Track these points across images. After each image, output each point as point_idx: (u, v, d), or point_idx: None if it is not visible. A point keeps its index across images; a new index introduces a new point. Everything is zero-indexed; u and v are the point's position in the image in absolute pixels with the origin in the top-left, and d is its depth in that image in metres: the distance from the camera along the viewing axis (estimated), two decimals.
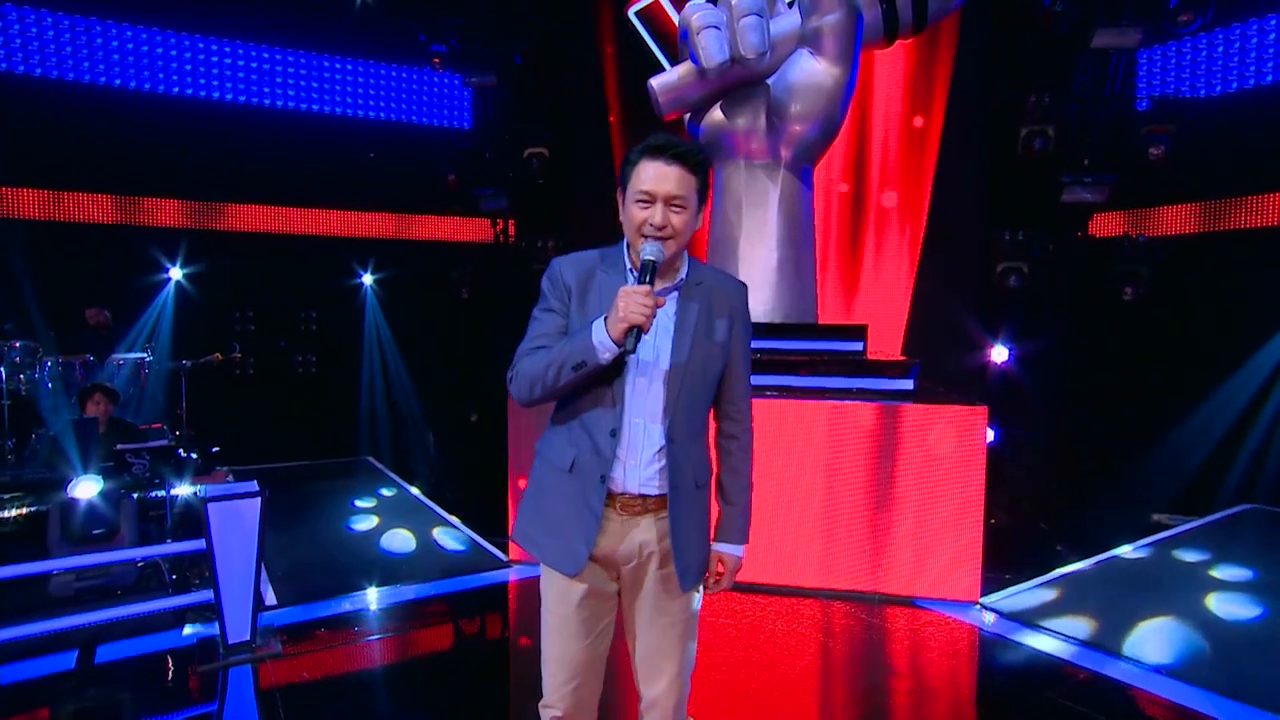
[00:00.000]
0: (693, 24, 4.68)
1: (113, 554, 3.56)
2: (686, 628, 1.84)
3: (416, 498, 6.10)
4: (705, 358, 1.75)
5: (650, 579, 1.80)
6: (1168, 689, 3.14)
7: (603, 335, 1.60)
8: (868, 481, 4.02)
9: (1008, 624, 3.75)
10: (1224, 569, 4.45)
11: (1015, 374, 6.36)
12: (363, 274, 8.39)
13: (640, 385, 1.72)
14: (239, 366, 7.81)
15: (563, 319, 1.75)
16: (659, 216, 1.65)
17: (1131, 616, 3.78)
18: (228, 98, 7.65)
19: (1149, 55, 6.75)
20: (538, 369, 1.68)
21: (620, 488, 1.74)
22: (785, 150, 4.97)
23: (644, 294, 1.56)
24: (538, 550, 1.80)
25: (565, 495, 1.76)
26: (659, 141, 1.68)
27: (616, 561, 1.78)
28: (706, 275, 1.81)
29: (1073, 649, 3.50)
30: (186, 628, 3.53)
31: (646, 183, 1.66)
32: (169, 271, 7.60)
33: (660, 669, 1.84)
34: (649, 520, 1.76)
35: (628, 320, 1.55)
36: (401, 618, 3.89)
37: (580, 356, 1.63)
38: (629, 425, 1.71)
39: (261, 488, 3.26)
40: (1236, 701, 3.03)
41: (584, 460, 1.73)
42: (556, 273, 1.77)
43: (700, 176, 1.70)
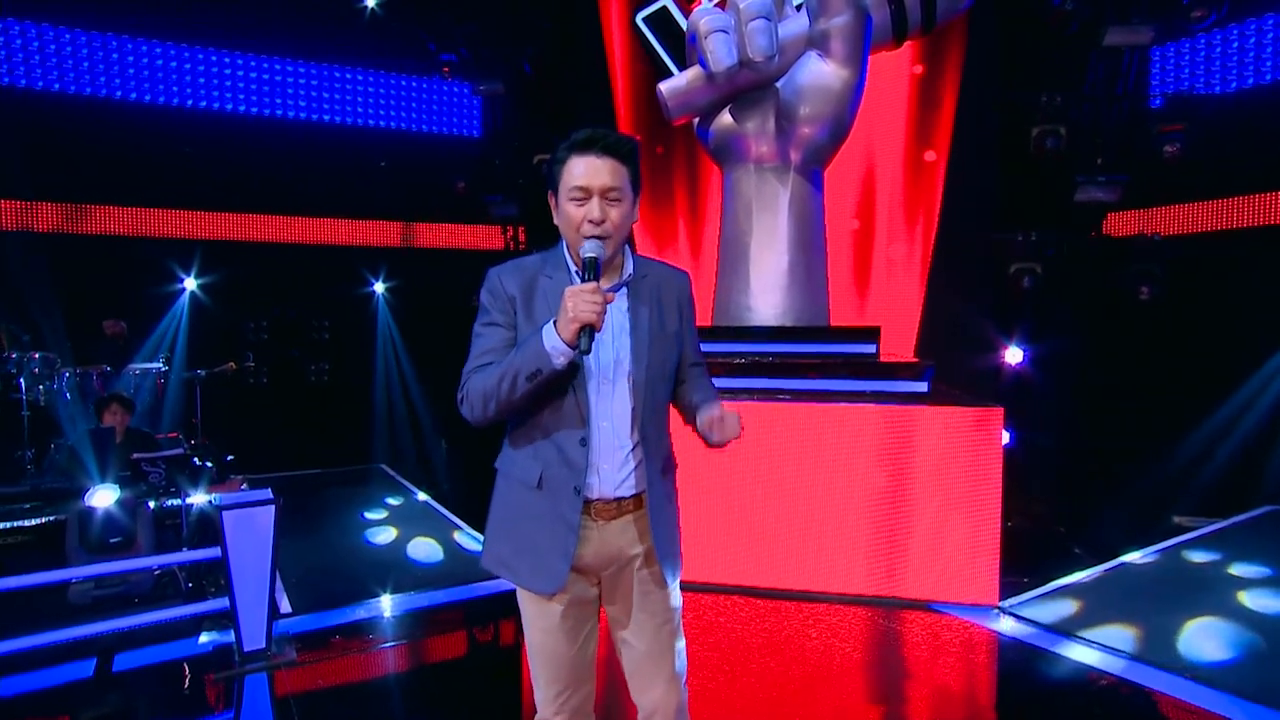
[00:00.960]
0: (701, 28, 4.68)
1: (131, 562, 3.59)
2: (675, 625, 1.82)
3: (429, 505, 6.12)
4: (663, 351, 1.74)
5: (633, 581, 1.77)
6: (1196, 694, 3.08)
7: (554, 339, 1.54)
8: (882, 485, 3.99)
9: (1028, 628, 3.70)
10: (1249, 571, 4.38)
11: (1030, 375, 6.30)
12: (374, 282, 8.44)
13: (605, 389, 1.69)
14: (253, 375, 7.87)
15: (508, 331, 1.69)
16: (596, 211, 1.61)
17: (1156, 620, 3.72)
18: (240, 109, 7.74)
19: (1161, 52, 6.70)
20: (489, 384, 1.62)
21: (596, 494, 1.70)
22: (795, 153, 4.95)
23: (591, 290, 1.51)
24: (511, 574, 1.75)
25: (535, 512, 1.71)
26: (585, 136, 1.64)
27: (595, 568, 1.75)
28: (650, 268, 1.80)
29: (1096, 654, 3.44)
30: (202, 636, 3.55)
31: (579, 178, 1.62)
32: (184, 282, 7.68)
33: (656, 673, 1.80)
34: (625, 523, 1.73)
35: (578, 319, 1.50)
36: (416, 625, 3.89)
37: (534, 364, 1.56)
38: (597, 431, 1.68)
39: (275, 495, 3.27)
40: (1267, 708, 2.97)
41: (552, 474, 1.68)
42: (496, 284, 1.72)
43: (632, 166, 1.66)
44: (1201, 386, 5.98)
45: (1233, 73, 6.44)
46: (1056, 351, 6.16)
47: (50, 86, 7.00)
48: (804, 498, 4.07)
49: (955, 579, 3.89)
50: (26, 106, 6.83)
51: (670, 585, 1.79)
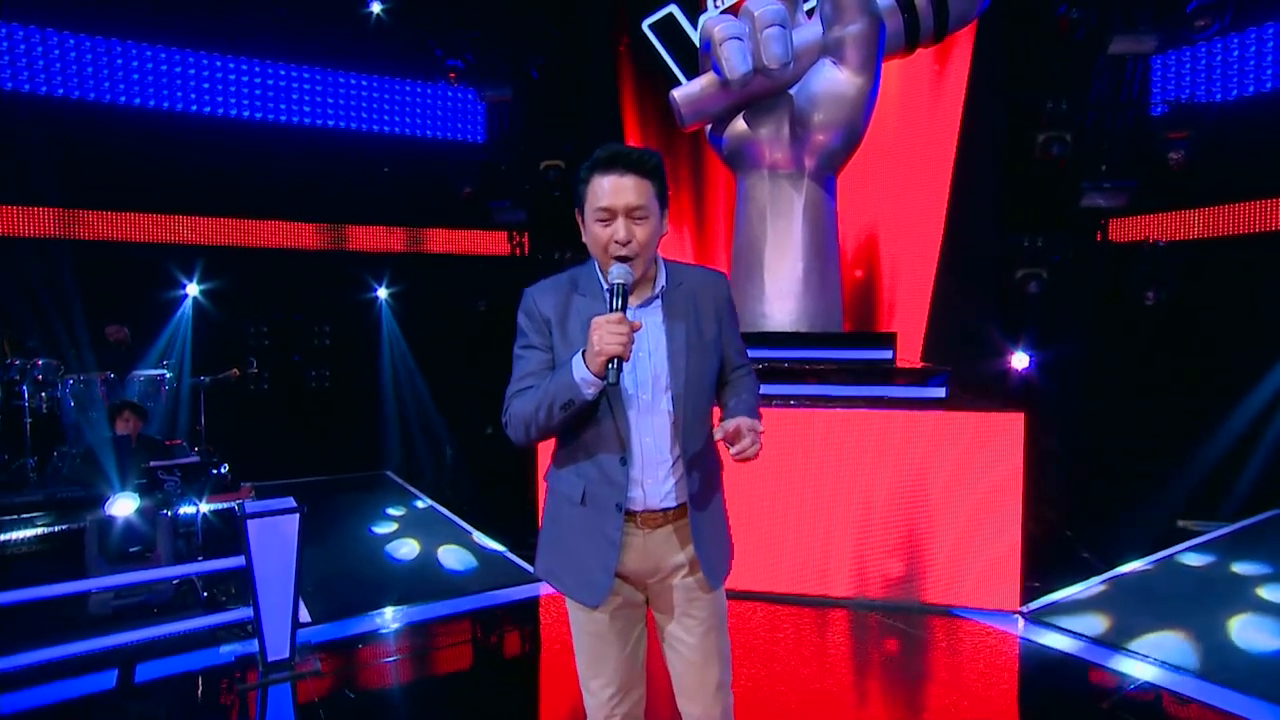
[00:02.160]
0: (715, 35, 4.70)
1: (153, 572, 3.55)
2: (721, 632, 1.82)
3: (439, 512, 6.08)
4: (702, 361, 1.72)
5: (678, 589, 1.77)
6: (1224, 699, 3.10)
7: (583, 371, 1.54)
8: (902, 490, 4.00)
9: (1050, 633, 3.71)
10: (1260, 572, 4.41)
11: (1036, 380, 6.34)
12: (377, 288, 8.40)
13: (644, 404, 1.68)
14: (253, 381, 7.82)
15: (546, 353, 1.70)
16: (622, 232, 1.60)
17: (1177, 625, 3.74)
18: (244, 114, 7.70)
19: (1163, 60, 6.76)
20: (528, 410, 1.63)
21: (640, 506, 1.71)
22: (809, 160, 4.98)
23: (617, 322, 1.50)
24: (559, 584, 1.78)
25: (580, 527, 1.72)
26: (607, 154, 1.62)
27: (642, 576, 1.76)
28: (685, 276, 1.77)
29: (1120, 659, 3.46)
30: (224, 646, 3.51)
31: (603, 198, 1.60)
32: (186, 287, 7.62)
33: (702, 680, 1.81)
34: (669, 531, 1.74)
35: (604, 353, 1.49)
36: (437, 633, 3.86)
37: (566, 395, 1.57)
38: (639, 447, 1.68)
39: (299, 504, 3.25)
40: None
41: (595, 490, 1.70)
42: (531, 305, 1.72)
43: (657, 181, 1.64)
44: (1206, 391, 6.03)
45: (1233, 80, 6.51)
46: (1062, 356, 6.20)
47: (53, 91, 6.94)
48: (823, 503, 4.07)
49: (977, 584, 3.90)
50: (27, 111, 6.77)
51: (715, 591, 1.79)
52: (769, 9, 4.60)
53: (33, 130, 6.74)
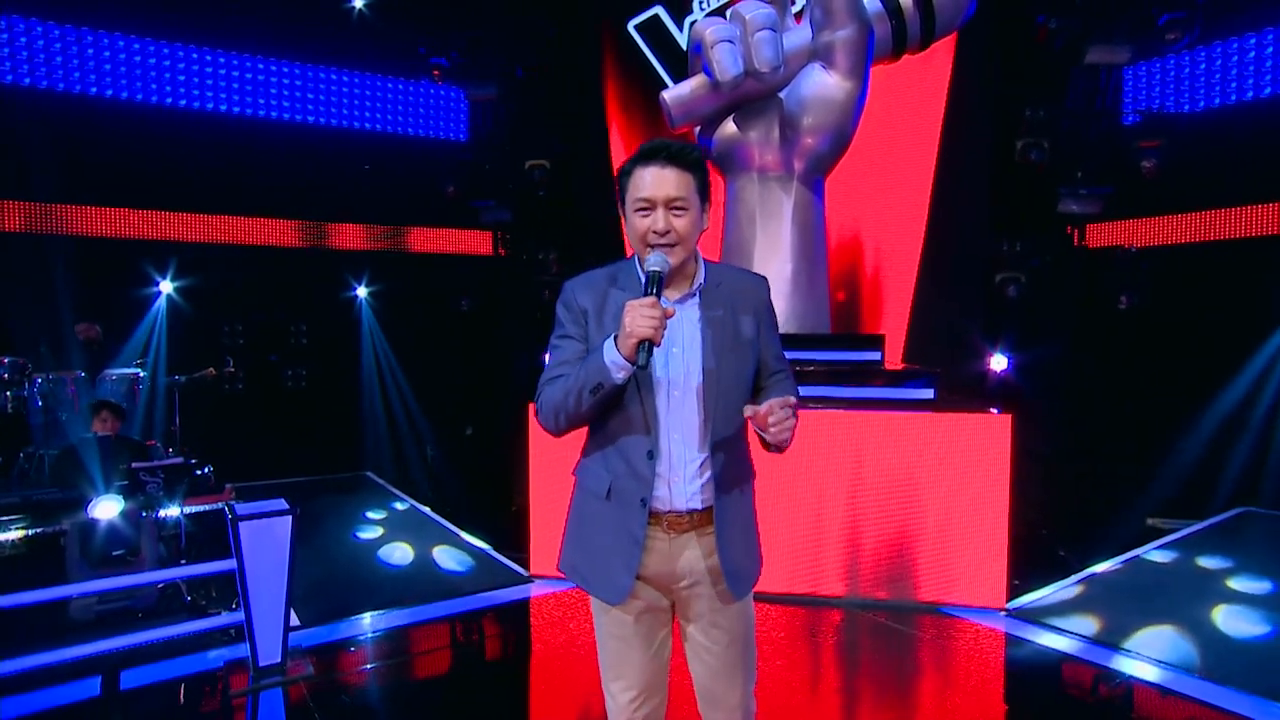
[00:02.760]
0: (706, 38, 4.72)
1: (140, 576, 3.46)
2: (746, 642, 1.81)
3: (424, 513, 6.03)
4: (737, 361, 1.71)
5: (704, 598, 1.74)
6: (1200, 690, 3.21)
7: (614, 354, 1.54)
8: (891, 490, 4.06)
9: (1035, 630, 3.80)
10: (1233, 568, 4.57)
11: (1014, 382, 6.47)
12: (357, 286, 8.29)
13: (675, 400, 1.67)
14: (229, 381, 7.66)
15: (582, 344, 1.70)
16: (661, 222, 1.61)
17: (1157, 619, 3.86)
18: (220, 108, 7.54)
19: (1134, 71, 6.95)
20: (558, 397, 1.64)
21: (666, 506, 1.69)
22: (798, 162, 5.02)
23: (649, 305, 1.50)
24: (583, 581, 1.77)
25: (606, 523, 1.72)
26: (651, 146, 1.64)
27: (666, 582, 1.73)
28: (725, 276, 1.77)
29: (1098, 651, 3.56)
30: (212, 651, 3.44)
31: (644, 189, 1.62)
32: (160, 285, 7.44)
33: (726, 689, 1.79)
34: (693, 537, 1.71)
35: (635, 334, 1.49)
36: (428, 636, 3.83)
37: (596, 379, 1.57)
38: (668, 443, 1.67)
39: (292, 505, 3.19)
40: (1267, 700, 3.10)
41: (621, 485, 1.69)
42: (570, 297, 1.73)
43: (698, 174, 1.65)
44: (1176, 394, 6.22)
45: (1200, 92, 6.72)
46: (1040, 359, 6.34)
47: (19, 81, 6.72)
48: (813, 504, 4.12)
49: (964, 582, 3.98)
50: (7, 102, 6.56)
51: (743, 600, 1.77)
52: (760, 13, 4.64)
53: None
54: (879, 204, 6.75)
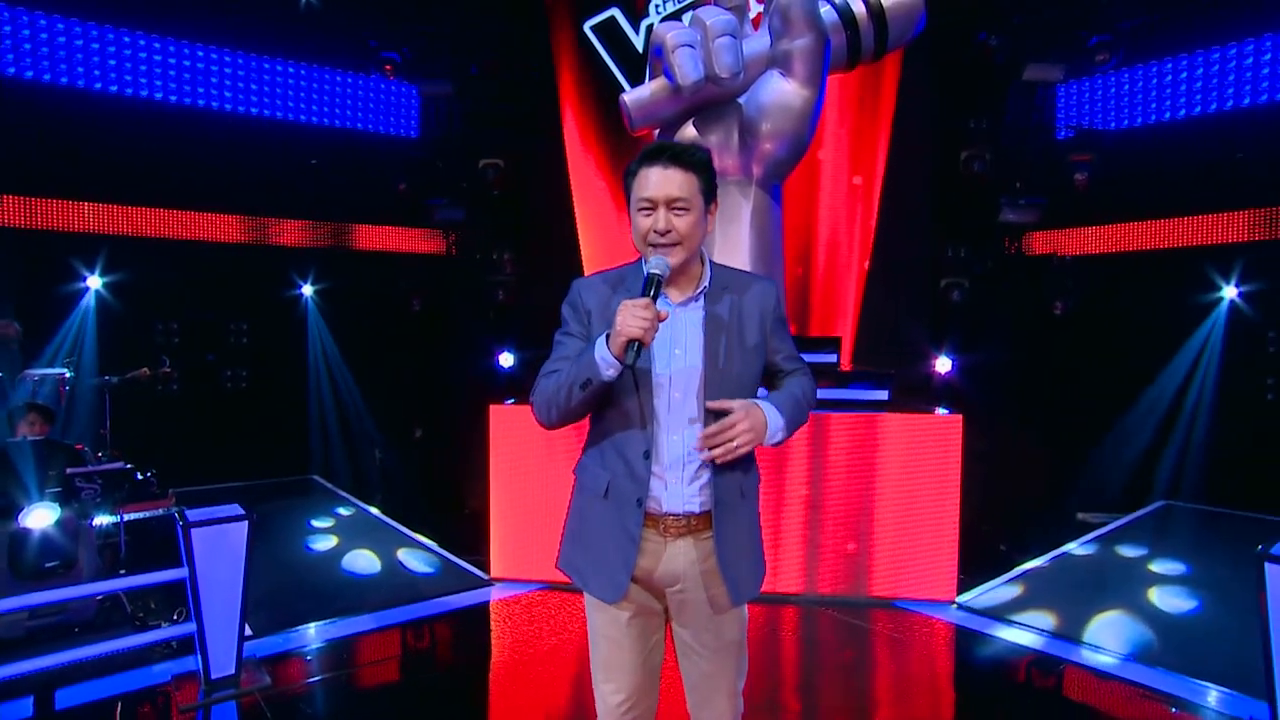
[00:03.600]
0: (667, 42, 4.74)
1: (77, 589, 3.26)
2: (739, 648, 1.81)
3: (375, 517, 5.88)
4: (741, 364, 1.70)
5: (697, 604, 1.73)
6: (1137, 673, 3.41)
7: (604, 350, 1.55)
8: (848, 489, 4.17)
9: (984, 621, 3.97)
10: (1161, 561, 4.86)
11: (958, 384, 6.73)
12: (303, 285, 8.02)
13: (675, 401, 1.67)
14: (162, 382, 7.30)
15: (583, 342, 1.70)
16: (662, 222, 1.61)
17: (1089, 608, 4.08)
18: (157, 96, 7.18)
19: (1067, 89, 7.33)
20: (550, 391, 1.65)
21: (662, 508, 1.68)
22: (756, 167, 5.10)
23: (642, 306, 1.51)
24: (582, 580, 1.76)
25: (603, 522, 1.72)
26: (655, 146, 1.66)
27: (660, 585, 1.72)
28: (731, 279, 1.77)
29: (1045, 641, 3.74)
30: (157, 665, 3.27)
31: (647, 189, 1.63)
32: (88, 280, 7.04)
33: (716, 691, 1.80)
34: (690, 541, 1.70)
35: (623, 333, 1.50)
36: (387, 642, 3.74)
37: (585, 374, 1.58)
38: (666, 443, 1.67)
39: (248, 511, 3.07)
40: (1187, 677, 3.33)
41: (618, 484, 1.69)
42: (576, 296, 1.75)
43: (702, 175, 1.65)
44: (1106, 394, 6.59)
45: (1125, 111, 7.14)
46: (982, 361, 6.61)
47: None
48: (772, 503, 4.19)
49: (917, 577, 4.12)
50: None
51: (738, 606, 1.76)
52: (720, 19, 4.69)
53: None
54: (831, 210, 6.94)
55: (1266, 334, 5.98)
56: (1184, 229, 6.40)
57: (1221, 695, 3.17)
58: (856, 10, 5.02)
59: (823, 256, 7.00)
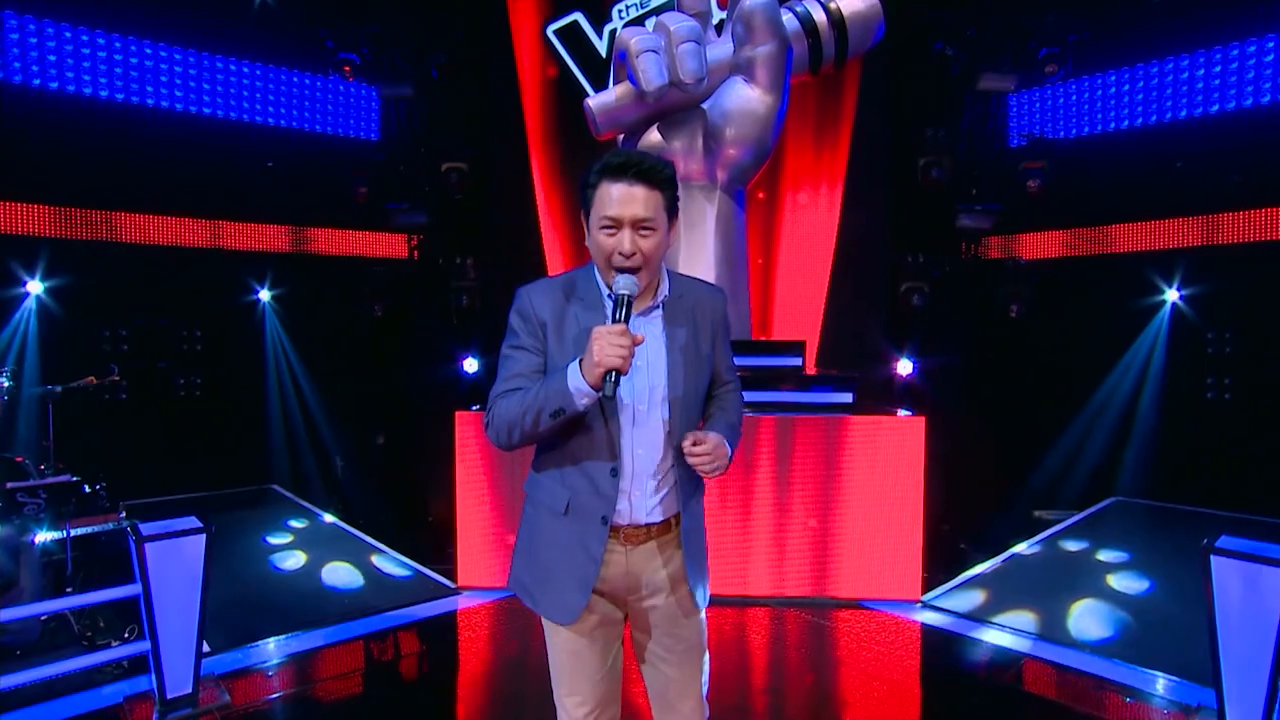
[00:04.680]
0: (631, 47, 4.77)
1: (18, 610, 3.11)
2: (701, 648, 1.80)
3: (337, 526, 5.75)
4: (697, 375, 1.71)
5: (660, 609, 1.73)
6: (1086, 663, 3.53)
7: (579, 381, 1.49)
8: (814, 491, 4.23)
9: (948, 618, 4.06)
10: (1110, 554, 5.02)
11: (918, 385, 6.87)
12: (259, 289, 7.80)
13: (640, 415, 1.65)
14: (110, 391, 7.02)
15: (538, 356, 1.64)
16: (627, 244, 1.55)
17: (1049, 603, 4.19)
18: (102, 94, 6.92)
19: (1019, 99, 7.56)
20: (514, 414, 1.57)
21: (626, 520, 1.66)
22: (721, 172, 5.16)
23: (619, 334, 1.46)
24: (532, 601, 1.72)
25: (559, 540, 1.68)
26: (619, 160, 1.57)
27: (623, 594, 1.72)
28: (687, 288, 1.75)
29: (1006, 636, 3.84)
30: (106, 686, 3.14)
31: (611, 207, 1.55)
32: (28, 284, 6.74)
33: (682, 697, 1.79)
34: (652, 548, 1.70)
35: (603, 365, 1.45)
36: (352, 654, 3.66)
37: (557, 403, 1.52)
38: (631, 458, 1.64)
39: (206, 523, 2.97)
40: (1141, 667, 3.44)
41: (581, 502, 1.65)
42: (526, 306, 1.66)
43: (668, 192, 1.60)
44: (1058, 395, 6.80)
45: (1073, 120, 7.39)
46: (942, 364, 6.76)
47: None
48: (740, 506, 4.23)
49: (882, 577, 4.19)
50: None
51: (699, 610, 1.77)
52: (684, 25, 4.73)
53: None
54: (793, 216, 7.03)
55: (1206, 335, 6.23)
56: (1129, 234, 6.65)
57: (1171, 683, 3.30)
58: (818, 18, 5.11)
59: (788, 261, 7.09)
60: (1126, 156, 6.71)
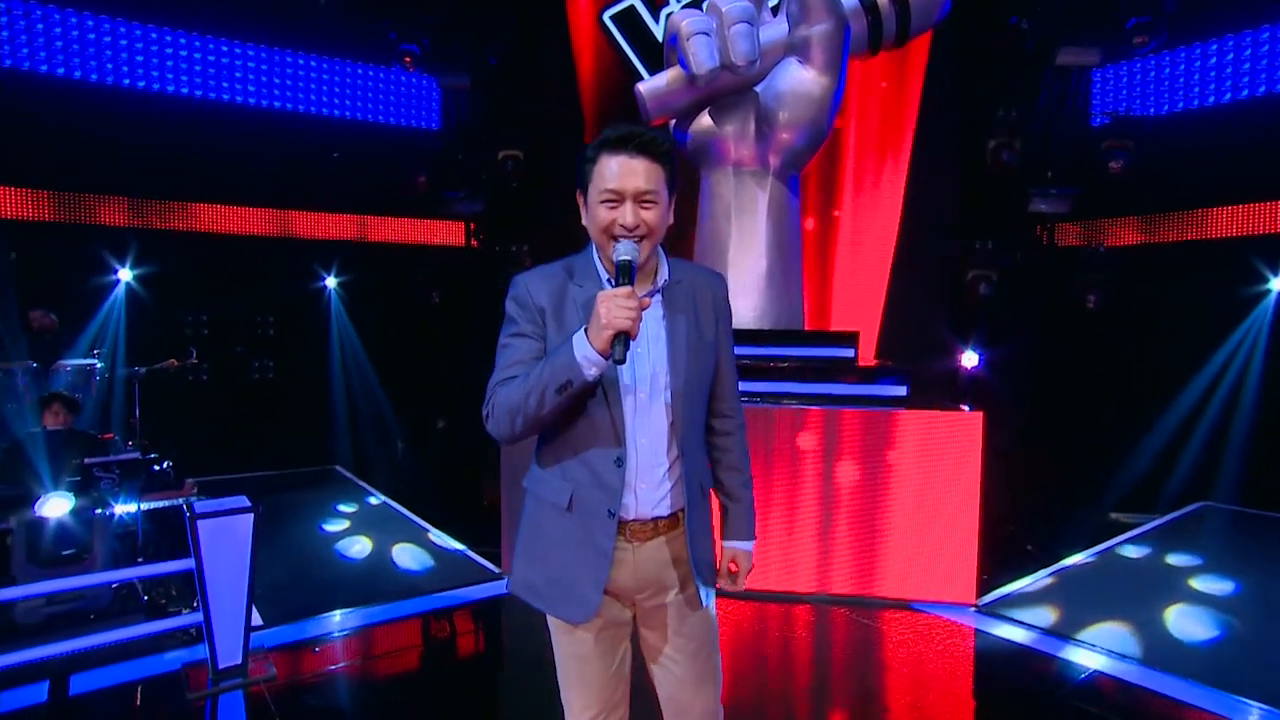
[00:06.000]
0: (682, 30, 4.66)
1: (92, 577, 3.33)
2: (712, 648, 1.75)
3: (394, 508, 5.92)
4: (700, 362, 1.64)
5: (669, 607, 1.68)
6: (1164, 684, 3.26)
7: (586, 348, 1.43)
8: (863, 486, 4.07)
9: (1006, 625, 3.84)
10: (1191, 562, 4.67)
11: (984, 379, 6.55)
12: (326, 277, 8.10)
13: (641, 403, 1.58)
14: (193, 373, 7.44)
15: (537, 343, 1.58)
16: (630, 216, 1.51)
17: (1121, 613, 3.92)
18: (182, 91, 7.29)
19: (1102, 74, 7.06)
20: (516, 399, 1.50)
21: (632, 514, 1.61)
22: (774, 158, 5.00)
23: (626, 295, 1.40)
24: (541, 601, 1.66)
25: (566, 537, 1.62)
26: (619, 134, 1.53)
27: (631, 592, 1.66)
28: (685, 272, 1.69)
29: (1071, 649, 3.60)
30: (169, 652, 3.32)
31: (611, 180, 1.51)
32: (118, 273, 7.20)
33: (694, 698, 1.73)
34: (660, 544, 1.64)
35: (612, 326, 1.39)
36: (395, 634, 3.75)
37: (564, 376, 1.45)
38: (635, 449, 1.58)
39: (254, 503, 3.09)
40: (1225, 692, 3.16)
41: (584, 495, 1.59)
42: (523, 293, 1.60)
43: (668, 166, 1.55)
44: (1140, 391, 6.35)
45: (1166, 96, 6.84)
46: (1010, 356, 6.42)
47: None
48: (786, 500, 4.11)
49: (934, 578, 4.00)
50: None
51: (708, 606, 1.72)
52: (736, 6, 4.59)
53: None
54: (855, 201, 6.78)
55: None
56: (1228, 218, 6.12)
57: (1264, 714, 3.01)
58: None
59: (847, 249, 6.85)
60: (1227, 133, 6.19)
